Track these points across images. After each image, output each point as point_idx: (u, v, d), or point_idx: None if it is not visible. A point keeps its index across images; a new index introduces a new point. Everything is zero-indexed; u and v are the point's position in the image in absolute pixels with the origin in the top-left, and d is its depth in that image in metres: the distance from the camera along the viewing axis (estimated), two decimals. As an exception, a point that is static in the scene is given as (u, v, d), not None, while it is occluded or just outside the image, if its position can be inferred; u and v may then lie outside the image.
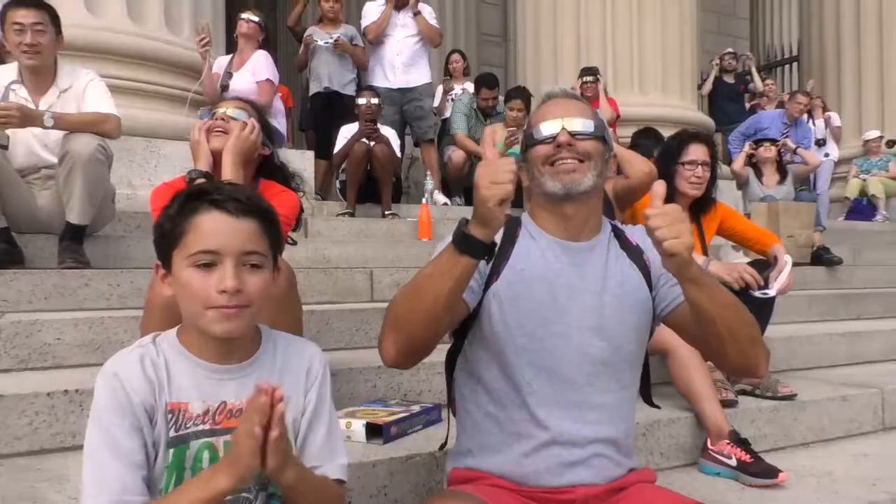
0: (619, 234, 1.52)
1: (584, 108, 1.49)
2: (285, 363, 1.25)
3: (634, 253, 1.49)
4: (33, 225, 3.05)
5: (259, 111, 2.27)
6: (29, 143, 3.02)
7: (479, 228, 1.22)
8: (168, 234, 1.16)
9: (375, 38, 5.87)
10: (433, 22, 5.93)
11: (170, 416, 1.16)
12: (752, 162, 5.62)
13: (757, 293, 2.64)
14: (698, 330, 1.37)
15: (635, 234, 1.53)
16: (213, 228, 1.13)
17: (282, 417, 1.03)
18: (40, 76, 3.03)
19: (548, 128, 1.44)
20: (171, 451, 1.15)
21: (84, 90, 3.04)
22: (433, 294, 1.25)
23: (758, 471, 2.15)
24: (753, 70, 8.98)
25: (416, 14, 5.78)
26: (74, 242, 2.88)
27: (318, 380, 1.27)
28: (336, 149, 5.16)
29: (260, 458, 1.03)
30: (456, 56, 6.88)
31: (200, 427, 1.16)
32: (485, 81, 6.10)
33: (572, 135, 1.42)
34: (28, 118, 2.79)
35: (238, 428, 1.05)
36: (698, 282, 1.26)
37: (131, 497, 1.09)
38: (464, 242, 1.22)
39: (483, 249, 1.23)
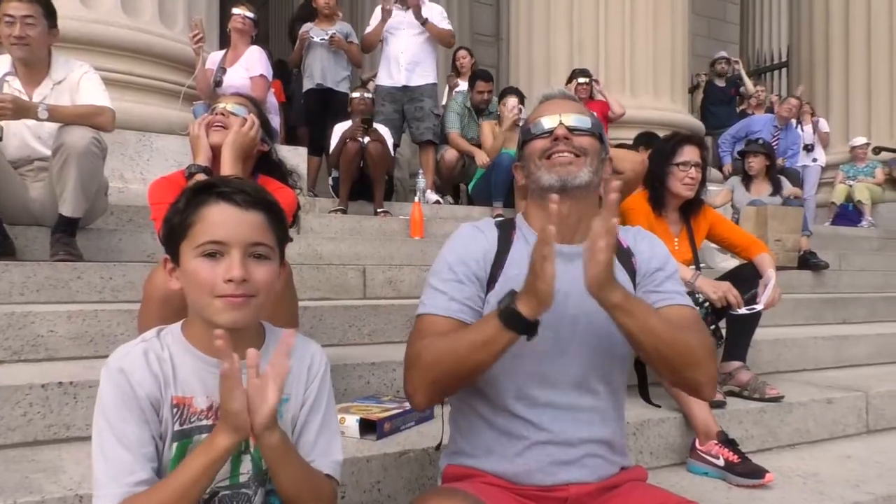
0: None
1: (580, 107, 1.53)
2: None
3: (624, 255, 1.50)
4: (25, 217, 3.04)
5: (258, 107, 2.27)
6: (22, 135, 3.01)
7: (529, 306, 1.21)
8: (176, 227, 1.18)
9: (368, 49, 5.90)
10: (444, 24, 5.82)
11: (175, 410, 1.17)
12: (743, 170, 5.65)
13: (743, 310, 2.69)
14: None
15: (627, 236, 1.55)
16: (221, 219, 1.15)
17: (257, 360, 1.07)
18: (34, 68, 3.02)
19: (545, 122, 1.48)
20: (175, 445, 1.16)
21: (78, 83, 3.03)
22: (474, 364, 1.29)
23: (745, 471, 2.18)
24: (743, 74, 9.06)
25: (425, 22, 5.68)
26: (67, 235, 2.87)
27: (318, 376, 1.28)
28: (331, 147, 5.15)
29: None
30: (463, 52, 6.87)
31: (204, 422, 1.17)
32: (480, 75, 6.11)
33: (569, 130, 1.45)
34: (22, 110, 2.78)
35: (223, 386, 1.07)
36: (623, 308, 1.26)
37: (144, 488, 1.09)
38: (511, 319, 1.22)
39: (531, 327, 1.23)
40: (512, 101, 5.57)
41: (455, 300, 1.40)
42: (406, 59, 5.74)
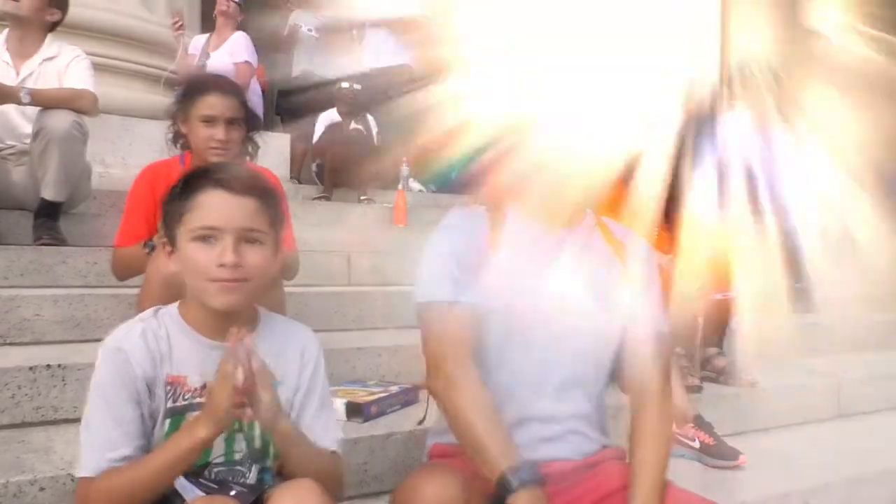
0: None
1: None
2: (282, 344, 1.29)
3: (618, 244, 1.54)
4: (7, 201, 3.02)
5: (242, 97, 2.23)
6: (6, 113, 2.98)
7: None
8: (173, 211, 1.21)
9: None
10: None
11: (168, 388, 1.19)
12: None
13: (719, 295, 2.76)
14: None
15: (616, 229, 1.59)
16: (215, 205, 1.17)
17: (253, 352, 1.08)
18: (26, 43, 3.01)
19: None
20: (168, 421, 1.19)
21: (68, 65, 3.02)
22: None
23: (720, 453, 2.24)
24: None
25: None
26: (50, 219, 2.86)
27: (312, 360, 1.32)
28: (315, 137, 5.13)
29: (237, 405, 1.08)
30: None
31: (197, 400, 1.20)
32: None
33: None
34: (5, 96, 2.77)
35: (216, 376, 1.10)
36: None
37: (126, 463, 1.13)
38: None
39: None
40: None
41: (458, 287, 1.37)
42: (367, 44, 5.73)
